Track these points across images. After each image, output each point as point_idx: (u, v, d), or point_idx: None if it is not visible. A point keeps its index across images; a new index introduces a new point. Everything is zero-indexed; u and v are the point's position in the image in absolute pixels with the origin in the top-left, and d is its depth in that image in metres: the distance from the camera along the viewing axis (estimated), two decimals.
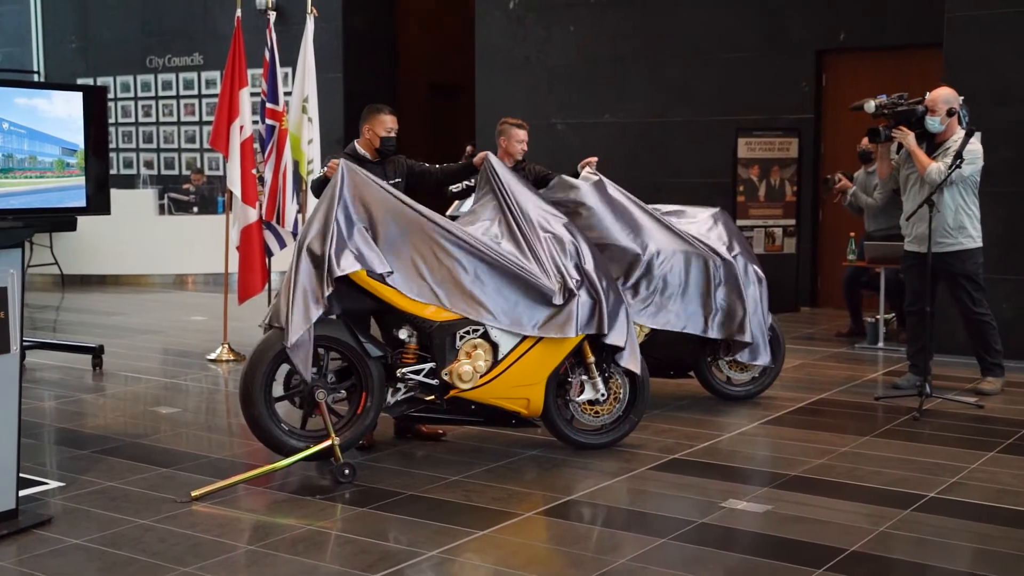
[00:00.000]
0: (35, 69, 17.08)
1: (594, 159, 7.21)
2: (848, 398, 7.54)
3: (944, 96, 7.33)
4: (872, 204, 9.53)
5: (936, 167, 7.22)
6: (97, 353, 8.56)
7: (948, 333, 8.49)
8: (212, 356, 9.02)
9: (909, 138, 7.37)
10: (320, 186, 6.24)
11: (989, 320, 7.54)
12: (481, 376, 5.76)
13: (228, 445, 6.40)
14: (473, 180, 6.66)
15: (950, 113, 7.29)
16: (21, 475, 5.14)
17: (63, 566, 4.41)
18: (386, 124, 6.47)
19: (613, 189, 7.04)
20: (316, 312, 5.44)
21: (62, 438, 6.58)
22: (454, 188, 7.02)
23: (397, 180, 6.51)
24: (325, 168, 6.28)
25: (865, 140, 8.94)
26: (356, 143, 6.59)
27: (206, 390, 8.06)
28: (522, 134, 7.41)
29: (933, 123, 7.35)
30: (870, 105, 7.47)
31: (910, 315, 7.67)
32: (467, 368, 5.72)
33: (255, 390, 5.52)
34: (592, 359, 6.05)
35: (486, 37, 13.69)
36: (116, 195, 13.51)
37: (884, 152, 7.72)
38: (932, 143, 7.44)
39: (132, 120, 16.95)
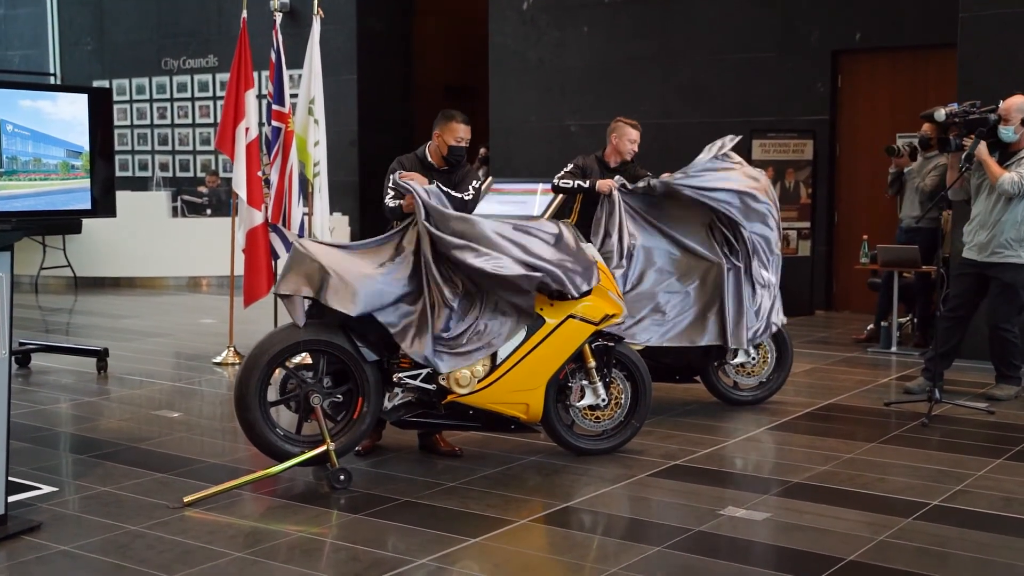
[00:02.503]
0: (51, 71, 17.14)
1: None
2: (858, 403, 7.44)
3: (1018, 104, 7.17)
4: (922, 188, 9.27)
5: (1010, 177, 7.09)
6: (102, 356, 8.53)
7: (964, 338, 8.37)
8: (218, 359, 8.98)
9: (981, 147, 7.18)
10: (393, 213, 5.99)
11: (1011, 338, 7.42)
12: (479, 381, 5.69)
13: (227, 450, 6.35)
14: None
15: None
16: (13, 480, 5.13)
17: (49, 573, 4.38)
18: (457, 133, 6.13)
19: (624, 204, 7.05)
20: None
21: (60, 442, 6.55)
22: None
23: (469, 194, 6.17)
24: (401, 201, 5.93)
25: (926, 126, 8.76)
26: (427, 147, 6.29)
27: (210, 394, 8.02)
28: (635, 134, 7.47)
29: (1007, 132, 7.17)
30: (940, 113, 7.29)
31: (944, 319, 7.54)
32: (465, 373, 5.65)
33: (250, 394, 5.48)
34: (593, 364, 5.97)
35: (500, 39, 13.63)
36: (129, 197, 13.65)
37: (954, 162, 7.48)
38: (1004, 152, 7.27)
39: (147, 122, 16.99)
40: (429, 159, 6.25)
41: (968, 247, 7.45)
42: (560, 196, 7.36)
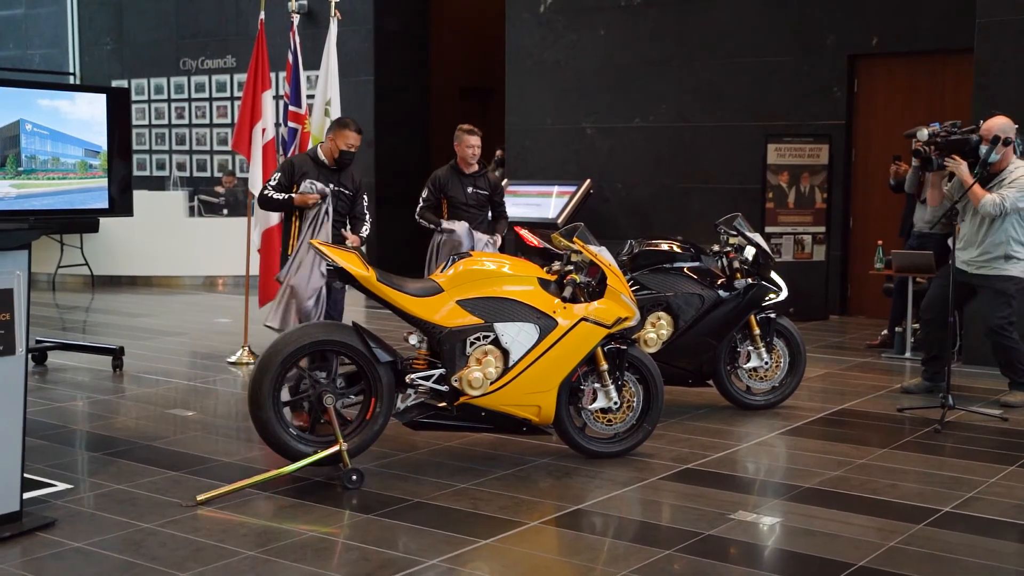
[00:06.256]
0: (71, 71, 17.22)
1: None
2: (871, 409, 7.42)
3: (1000, 125, 7.20)
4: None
5: (991, 199, 7.13)
6: (117, 354, 8.58)
7: (975, 344, 8.37)
8: (232, 359, 9.03)
9: (962, 167, 7.22)
10: (267, 203, 7.09)
11: (1012, 344, 7.42)
12: (491, 383, 5.71)
13: (240, 449, 6.39)
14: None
15: (1006, 143, 7.15)
16: (29, 477, 5.16)
17: (63, 569, 4.41)
18: (348, 139, 6.99)
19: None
20: None
21: (75, 440, 6.59)
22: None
23: (345, 191, 7.13)
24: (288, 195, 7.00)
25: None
26: (318, 148, 7.21)
27: (224, 393, 8.06)
28: (473, 140, 8.06)
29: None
30: (923, 133, 7.34)
31: (925, 323, 7.67)
32: (477, 375, 5.67)
33: (263, 394, 5.51)
34: (605, 367, 5.99)
35: (516, 40, 13.65)
36: (146, 197, 13.71)
37: (936, 181, 7.56)
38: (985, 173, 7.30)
39: (165, 122, 17.06)
40: (321, 158, 7.11)
41: (959, 261, 7.46)
42: (574, 199, 7.73)
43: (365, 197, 7.30)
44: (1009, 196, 7.14)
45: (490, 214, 8.39)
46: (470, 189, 8.17)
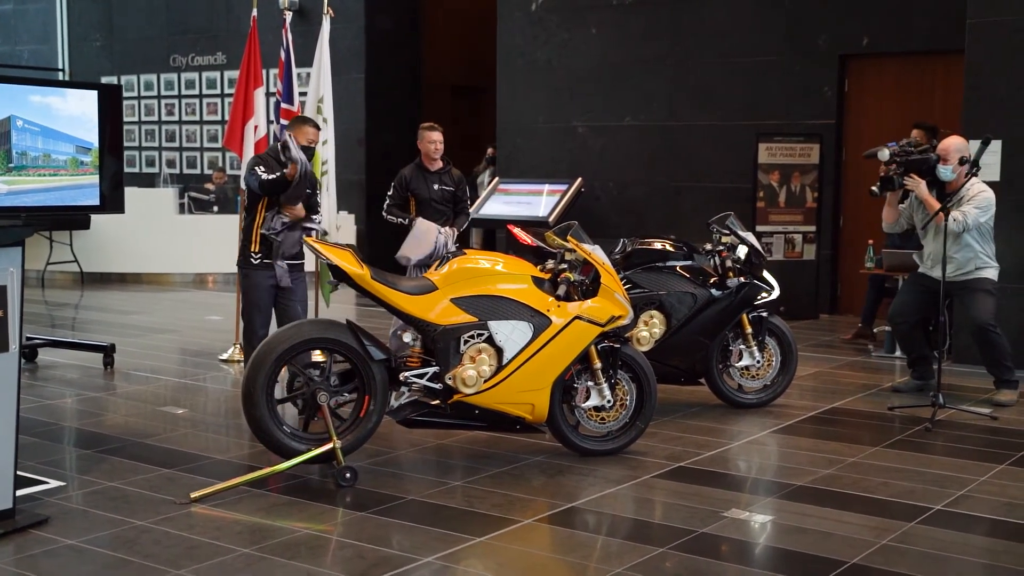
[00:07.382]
0: (60, 67, 17.17)
1: None
2: (861, 407, 7.45)
3: (956, 145, 7.37)
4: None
5: (952, 217, 7.21)
6: (108, 352, 8.57)
7: (966, 343, 8.41)
8: (224, 356, 9.02)
9: (921, 187, 7.40)
10: (273, 185, 6.93)
11: (997, 339, 7.49)
12: (485, 381, 5.72)
13: (232, 446, 6.39)
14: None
15: (961, 162, 7.28)
16: (21, 474, 5.15)
17: (56, 567, 4.40)
18: (308, 135, 7.19)
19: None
20: None
21: (67, 437, 6.58)
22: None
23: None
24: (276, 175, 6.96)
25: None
26: (279, 145, 7.35)
27: (216, 390, 8.05)
28: (434, 135, 8.25)
29: (946, 172, 7.36)
30: (884, 153, 7.51)
31: (895, 327, 7.85)
32: (471, 372, 5.68)
33: (257, 391, 5.51)
34: (598, 365, 6.00)
35: (508, 39, 13.64)
36: (136, 194, 13.68)
37: (892, 199, 7.73)
38: (942, 191, 7.44)
39: (155, 119, 17.03)
40: (282, 156, 7.19)
41: (933, 273, 7.52)
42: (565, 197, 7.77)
43: (319, 193, 7.47)
44: (971, 213, 7.26)
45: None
46: (436, 186, 8.27)
